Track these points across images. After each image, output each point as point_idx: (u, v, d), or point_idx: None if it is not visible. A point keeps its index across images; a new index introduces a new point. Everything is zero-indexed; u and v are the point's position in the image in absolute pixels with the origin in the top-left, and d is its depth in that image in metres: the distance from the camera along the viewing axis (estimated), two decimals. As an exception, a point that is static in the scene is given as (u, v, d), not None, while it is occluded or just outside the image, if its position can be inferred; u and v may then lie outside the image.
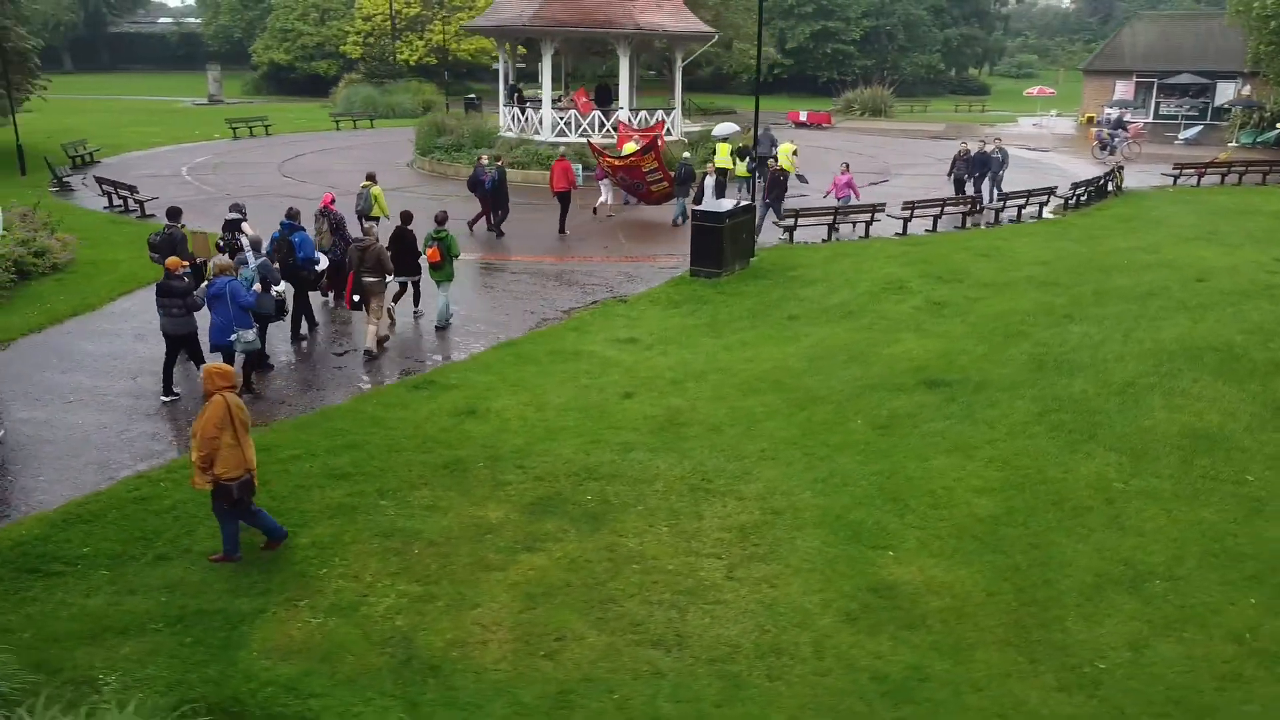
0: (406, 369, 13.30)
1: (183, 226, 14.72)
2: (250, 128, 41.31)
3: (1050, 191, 24.53)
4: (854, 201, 21.92)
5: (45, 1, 79.76)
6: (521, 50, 39.24)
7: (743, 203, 19.31)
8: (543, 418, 11.38)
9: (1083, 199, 25.68)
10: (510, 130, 33.01)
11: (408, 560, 8.31)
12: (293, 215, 14.31)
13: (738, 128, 35.36)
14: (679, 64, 33.15)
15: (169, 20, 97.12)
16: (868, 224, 21.70)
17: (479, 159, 22.56)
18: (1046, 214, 24.44)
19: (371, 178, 19.02)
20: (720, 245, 17.87)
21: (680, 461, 10.31)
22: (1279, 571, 8.37)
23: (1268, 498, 9.70)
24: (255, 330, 11.89)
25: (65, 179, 26.94)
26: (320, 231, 15.38)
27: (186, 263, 12.63)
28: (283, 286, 13.43)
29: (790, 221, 20.85)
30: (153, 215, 22.20)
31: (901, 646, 7.30)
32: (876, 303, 16.29)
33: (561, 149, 25.51)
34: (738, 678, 6.89)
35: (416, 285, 15.45)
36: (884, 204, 21.96)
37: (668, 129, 31.64)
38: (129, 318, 15.02)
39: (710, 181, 18.43)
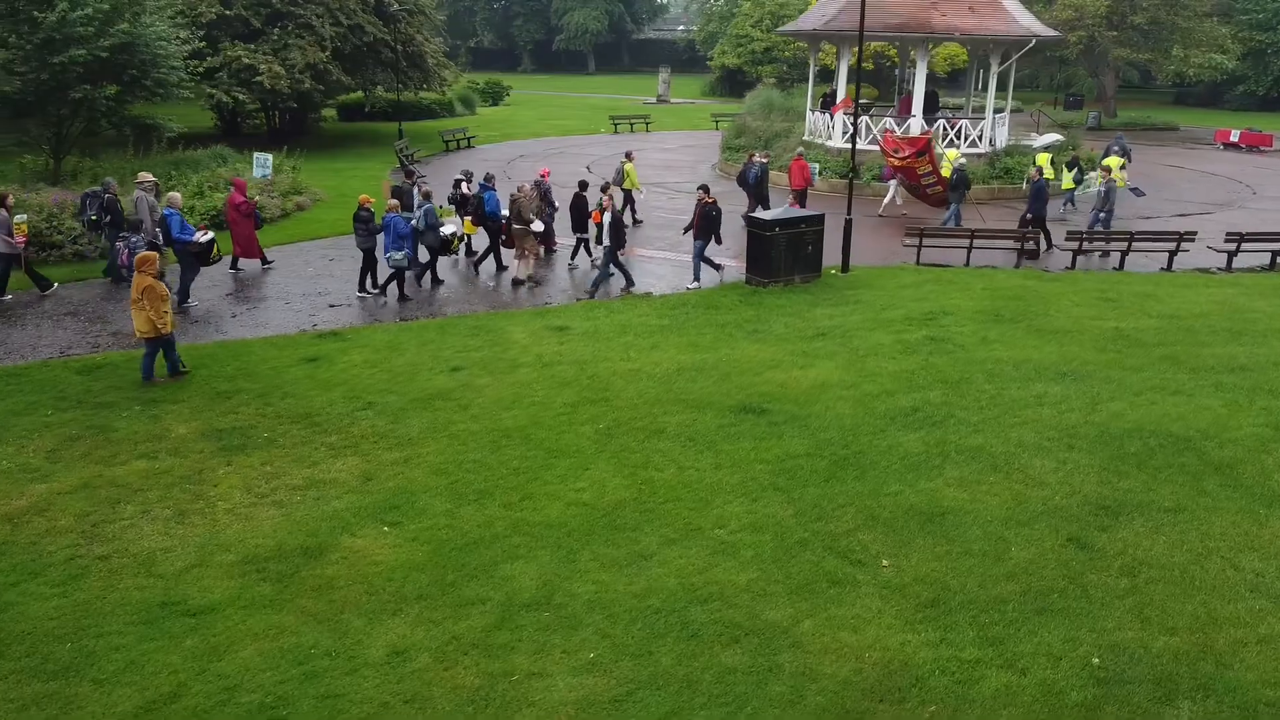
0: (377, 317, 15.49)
1: (412, 183, 20.32)
2: (631, 124, 45.74)
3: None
4: None
5: (578, 13, 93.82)
6: (870, 50, 38.72)
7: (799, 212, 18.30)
8: (358, 374, 12.87)
9: None
10: (809, 134, 33.16)
11: (67, 443, 10.60)
12: (488, 179, 19.25)
13: (1061, 138, 31.90)
14: (994, 69, 30.48)
15: (683, 28, 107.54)
16: (1018, 252, 19.06)
17: (749, 156, 24.01)
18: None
19: (629, 155, 23.62)
20: (769, 254, 17.34)
21: (386, 425, 11.25)
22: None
23: (803, 581, 8.12)
24: (404, 253, 16.24)
25: (406, 153, 32.96)
26: (530, 197, 18.62)
27: (371, 199, 17.22)
28: (450, 229, 17.88)
29: (915, 240, 19.19)
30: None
31: (213, 586, 7.98)
32: (870, 331, 14.83)
33: (799, 149, 25.83)
34: (69, 561, 8.19)
35: (585, 243, 19.04)
36: (1034, 232, 19.07)
37: (977, 140, 29.69)
38: (236, 272, 19.00)
39: (607, 218, 17.13)
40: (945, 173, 23.49)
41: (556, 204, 20.38)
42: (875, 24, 30.08)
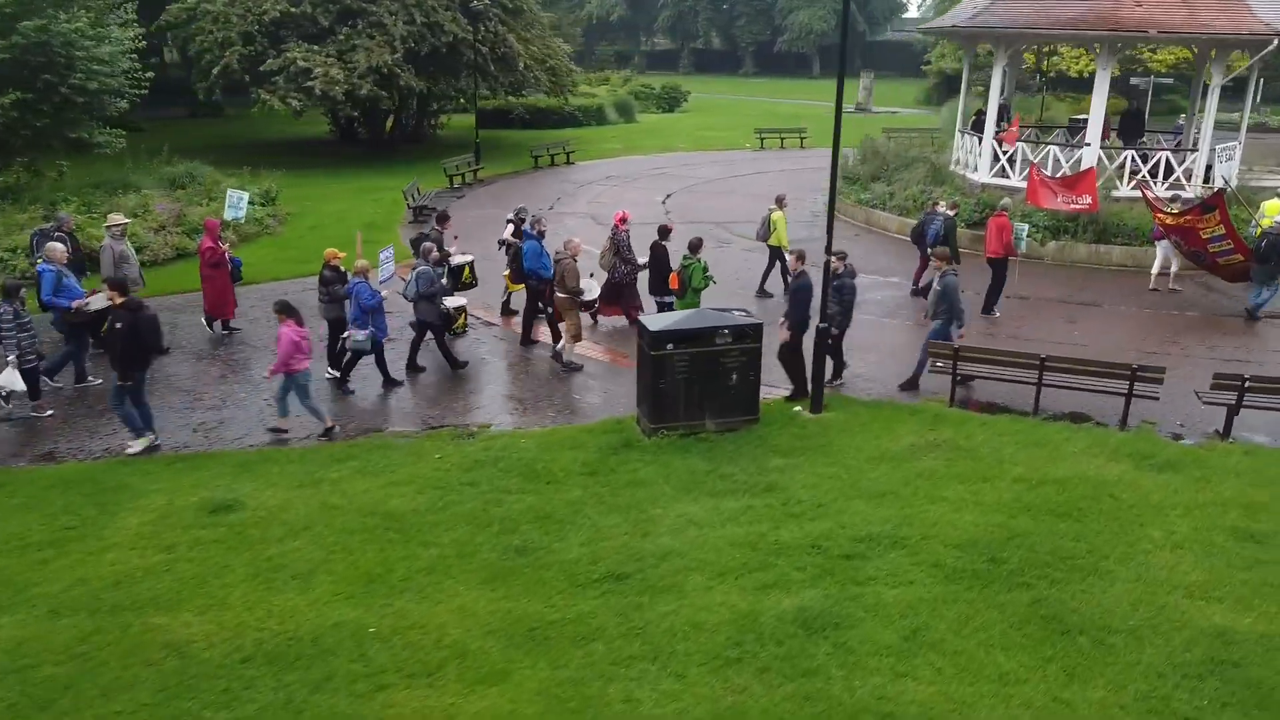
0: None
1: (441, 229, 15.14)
2: (781, 139, 38.53)
3: None
4: None
5: (803, 12, 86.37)
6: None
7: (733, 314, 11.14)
8: None
9: None
10: (954, 163, 25.25)
11: None
12: (534, 223, 14.17)
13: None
14: (1216, 81, 21.17)
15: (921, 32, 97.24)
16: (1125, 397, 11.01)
17: (932, 205, 17.38)
18: None
19: (779, 201, 17.04)
20: (656, 385, 10.59)
21: None
22: None
23: None
24: (367, 334, 12.11)
25: (454, 174, 28.15)
26: (603, 250, 14.78)
27: (340, 255, 12.91)
28: (461, 300, 14.48)
29: (947, 364, 11.65)
30: (424, 220, 21.82)
31: None
32: (708, 587, 7.86)
33: (1005, 200, 17.42)
34: None
35: (668, 307, 13.56)
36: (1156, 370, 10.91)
37: (1183, 177, 20.82)
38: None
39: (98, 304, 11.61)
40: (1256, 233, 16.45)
41: (638, 259, 14.56)
42: (1044, 18, 21.89)
